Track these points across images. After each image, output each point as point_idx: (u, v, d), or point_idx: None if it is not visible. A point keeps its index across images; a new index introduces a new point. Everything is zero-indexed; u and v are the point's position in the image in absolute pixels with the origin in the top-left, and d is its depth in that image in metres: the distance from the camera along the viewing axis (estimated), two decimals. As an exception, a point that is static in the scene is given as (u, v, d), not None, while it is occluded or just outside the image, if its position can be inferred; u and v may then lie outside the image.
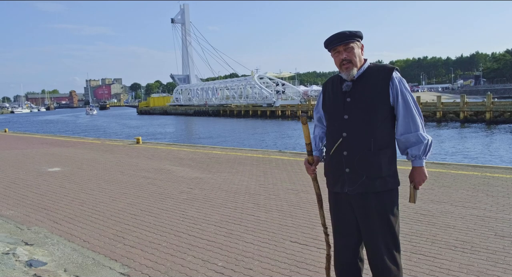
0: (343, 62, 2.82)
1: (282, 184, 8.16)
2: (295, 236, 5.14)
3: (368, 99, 2.79)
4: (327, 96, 3.03)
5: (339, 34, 2.81)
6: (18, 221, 6.17)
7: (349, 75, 2.83)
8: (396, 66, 3.00)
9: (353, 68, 2.82)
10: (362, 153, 2.79)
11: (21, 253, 4.65)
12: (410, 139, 2.82)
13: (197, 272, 4.19)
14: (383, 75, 2.81)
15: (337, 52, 2.85)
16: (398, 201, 2.91)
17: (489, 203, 6.22)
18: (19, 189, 8.54)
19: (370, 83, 2.82)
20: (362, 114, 2.79)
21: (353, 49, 2.82)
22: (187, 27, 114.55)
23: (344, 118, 2.84)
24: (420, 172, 2.86)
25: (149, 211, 6.52)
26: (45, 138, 22.22)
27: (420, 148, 2.80)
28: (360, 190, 2.82)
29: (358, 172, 2.81)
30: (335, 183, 2.95)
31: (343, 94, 2.87)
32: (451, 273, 3.93)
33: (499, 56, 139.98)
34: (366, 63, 2.89)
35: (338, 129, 2.87)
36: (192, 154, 13.33)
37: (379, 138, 2.78)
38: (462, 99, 40.97)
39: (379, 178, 2.80)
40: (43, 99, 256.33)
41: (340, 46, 2.82)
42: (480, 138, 29.32)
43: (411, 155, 2.84)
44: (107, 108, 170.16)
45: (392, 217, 2.84)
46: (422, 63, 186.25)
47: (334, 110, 2.92)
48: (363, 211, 2.86)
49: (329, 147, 2.97)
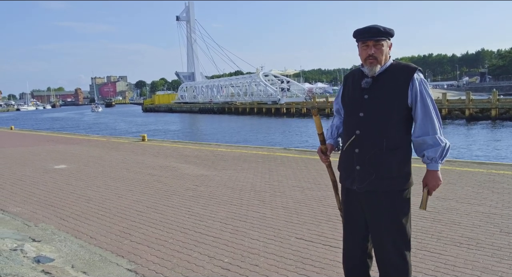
0: (370, 57, 2.78)
1: (288, 181, 8.17)
2: (301, 233, 5.16)
3: (385, 98, 2.76)
4: (346, 90, 3.01)
5: (373, 29, 2.77)
6: (25, 218, 6.22)
7: (371, 71, 2.80)
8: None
9: (376, 65, 2.79)
10: (373, 152, 2.77)
11: (29, 250, 4.69)
12: (427, 141, 2.77)
13: (203, 268, 4.22)
14: (405, 75, 2.78)
15: (365, 46, 2.80)
16: (409, 201, 2.87)
17: (495, 200, 6.21)
18: (26, 186, 8.60)
19: (390, 82, 2.78)
20: (377, 113, 2.77)
21: (382, 46, 2.78)
22: (192, 25, 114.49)
23: (359, 115, 2.82)
24: (434, 176, 2.80)
25: (155, 208, 6.55)
26: (51, 136, 22.31)
27: (437, 151, 2.75)
28: (368, 188, 2.81)
29: (368, 170, 2.79)
30: (346, 178, 2.96)
31: (361, 90, 2.84)
32: (456, 269, 3.94)
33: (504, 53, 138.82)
34: (389, 61, 2.85)
35: (352, 126, 2.86)
36: (198, 151, 13.36)
37: (392, 138, 2.76)
38: (468, 96, 40.76)
39: (389, 178, 2.77)
40: (49, 96, 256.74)
41: (371, 41, 2.78)
42: (486, 135, 29.23)
43: (427, 157, 2.78)
44: (112, 106, 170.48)
45: (401, 216, 2.81)
46: (427, 60, 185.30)
47: (351, 107, 2.91)
48: (371, 209, 2.86)
49: (343, 142, 2.97)
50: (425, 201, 2.85)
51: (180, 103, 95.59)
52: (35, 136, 22.42)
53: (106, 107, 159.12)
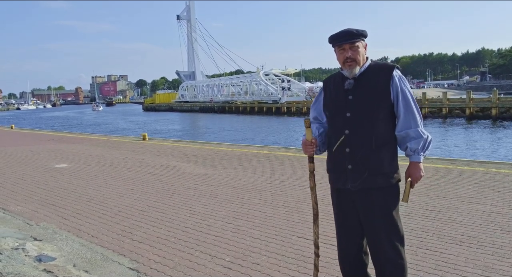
0: (347, 60, 2.85)
1: (289, 180, 8.18)
2: (302, 232, 5.17)
3: (370, 97, 2.83)
4: (328, 94, 3.06)
5: (347, 32, 2.84)
6: (26, 217, 6.23)
7: (351, 73, 2.86)
8: (402, 62, 3.07)
9: (356, 67, 2.85)
10: (364, 150, 2.82)
11: (30, 249, 4.70)
12: (410, 134, 2.84)
13: (205, 267, 4.23)
14: (384, 73, 2.86)
15: (342, 49, 2.87)
16: (399, 196, 2.93)
17: (495, 199, 6.22)
18: (27, 185, 8.61)
19: (372, 82, 2.85)
20: (364, 112, 2.83)
21: (358, 48, 2.85)
22: (192, 24, 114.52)
23: (346, 115, 2.87)
24: (417, 168, 2.88)
25: (156, 207, 6.56)
26: (52, 135, 22.33)
27: (419, 143, 2.83)
28: (362, 186, 2.85)
29: (360, 168, 2.84)
30: (338, 179, 2.99)
31: (345, 92, 2.90)
32: (457, 268, 3.95)
33: (505, 52, 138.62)
34: (367, 61, 2.92)
35: (340, 126, 2.90)
36: (198, 150, 13.37)
37: (381, 135, 2.82)
38: (468, 95, 40.78)
39: (381, 174, 2.83)
40: (49, 95, 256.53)
41: (346, 44, 2.84)
42: (486, 134, 29.22)
43: (410, 148, 2.86)
44: (113, 105, 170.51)
45: (394, 212, 2.88)
46: (428, 59, 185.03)
47: (336, 108, 2.95)
48: (365, 207, 2.88)
49: (331, 144, 2.99)
50: (407, 194, 2.91)
51: (180, 102, 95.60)
52: (36, 135, 22.43)
53: (106, 106, 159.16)
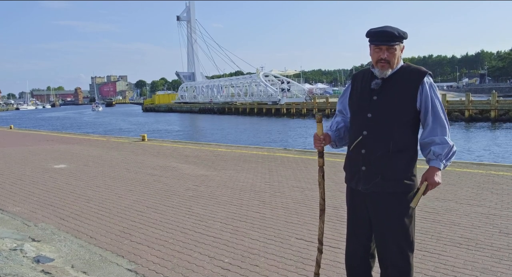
0: (382, 61, 2.76)
1: (288, 181, 8.18)
2: (301, 233, 5.17)
3: (394, 100, 2.76)
4: (354, 91, 2.99)
5: (388, 34, 2.75)
6: (25, 218, 6.22)
7: (382, 73, 2.79)
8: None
9: (388, 69, 2.77)
10: (379, 154, 2.77)
11: (29, 249, 4.69)
12: (435, 140, 2.77)
13: (203, 268, 4.23)
14: (415, 78, 2.78)
15: (378, 49, 2.77)
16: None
17: (494, 201, 6.23)
18: (26, 185, 8.60)
19: (400, 85, 2.78)
20: (385, 114, 2.77)
21: (395, 50, 2.76)
22: (192, 25, 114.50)
23: (367, 116, 2.81)
24: (435, 173, 2.75)
25: (155, 208, 6.56)
26: (51, 135, 22.30)
27: (444, 148, 2.75)
28: (374, 189, 2.81)
29: (373, 171, 2.79)
30: (351, 179, 2.96)
31: (371, 91, 2.83)
32: (456, 270, 3.95)
33: (504, 55, 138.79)
34: (400, 63, 2.84)
35: (360, 126, 2.85)
36: (198, 151, 13.37)
37: (399, 140, 2.76)
38: (467, 98, 40.74)
39: (394, 180, 2.77)
40: (49, 96, 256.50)
41: (384, 45, 2.76)
42: (485, 137, 29.23)
43: (433, 152, 2.76)
44: (113, 105, 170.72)
45: (405, 218, 2.81)
46: (427, 61, 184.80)
47: (359, 107, 2.89)
48: (375, 210, 2.86)
49: (350, 143, 2.95)
50: (417, 198, 2.79)
51: (180, 103, 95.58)
52: (35, 135, 22.41)
53: (106, 106, 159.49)
